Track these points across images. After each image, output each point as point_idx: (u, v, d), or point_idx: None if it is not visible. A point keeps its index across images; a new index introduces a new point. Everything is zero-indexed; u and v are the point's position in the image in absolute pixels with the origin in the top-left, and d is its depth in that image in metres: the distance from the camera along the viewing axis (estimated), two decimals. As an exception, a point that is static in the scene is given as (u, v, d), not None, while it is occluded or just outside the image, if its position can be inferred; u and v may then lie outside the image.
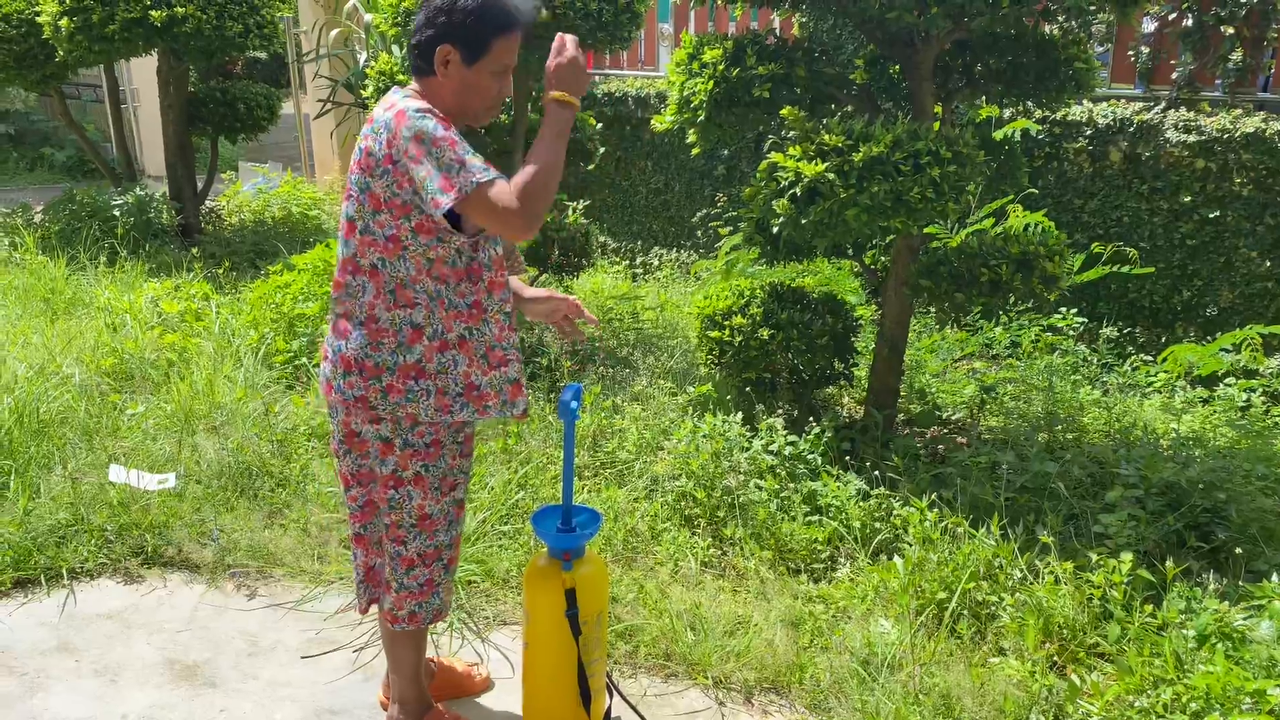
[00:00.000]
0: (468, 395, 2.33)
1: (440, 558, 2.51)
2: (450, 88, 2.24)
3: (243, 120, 7.92)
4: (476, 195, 2.09)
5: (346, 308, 2.34)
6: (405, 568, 2.48)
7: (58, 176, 12.12)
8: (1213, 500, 3.48)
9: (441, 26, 2.18)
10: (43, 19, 6.82)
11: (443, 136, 2.11)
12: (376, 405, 2.33)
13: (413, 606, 2.52)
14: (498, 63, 2.23)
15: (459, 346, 2.31)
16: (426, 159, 2.10)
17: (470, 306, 2.31)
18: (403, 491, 2.40)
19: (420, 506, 2.42)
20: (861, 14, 3.65)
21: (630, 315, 5.86)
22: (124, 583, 3.50)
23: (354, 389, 2.34)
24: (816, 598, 3.28)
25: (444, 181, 2.09)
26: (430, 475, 2.40)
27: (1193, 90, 5.32)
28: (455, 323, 2.30)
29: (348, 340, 2.34)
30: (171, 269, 6.71)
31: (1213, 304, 5.20)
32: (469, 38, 2.18)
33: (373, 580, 2.63)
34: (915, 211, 3.50)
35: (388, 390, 2.31)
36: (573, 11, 4.68)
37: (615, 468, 4.03)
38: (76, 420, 4.33)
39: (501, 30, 2.20)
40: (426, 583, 2.51)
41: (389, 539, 2.47)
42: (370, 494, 2.49)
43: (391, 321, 2.29)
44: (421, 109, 2.14)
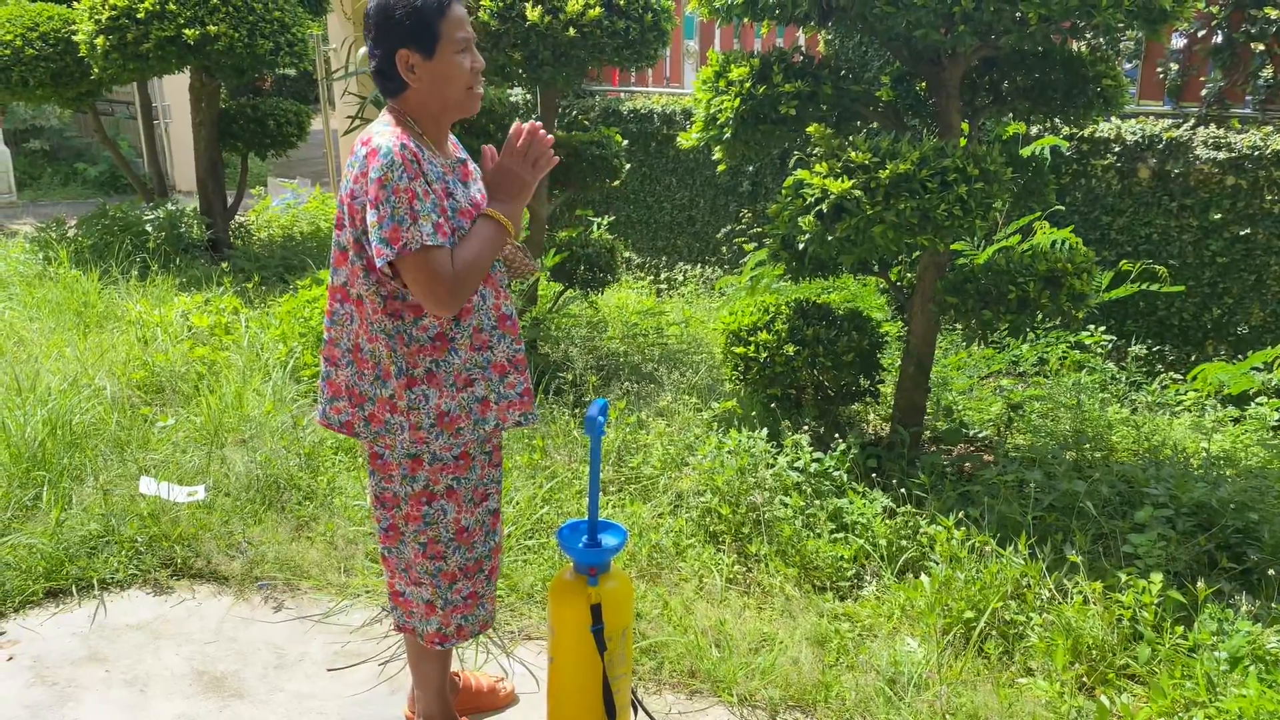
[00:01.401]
0: (440, 424, 2.31)
1: (481, 569, 2.51)
2: (427, 88, 2.22)
3: (273, 137, 8.01)
4: (417, 256, 2.10)
5: (336, 334, 2.36)
6: (448, 583, 2.47)
7: (90, 191, 12.31)
8: (1244, 521, 3.44)
9: (388, 39, 2.18)
10: (79, 37, 6.95)
11: (405, 187, 2.09)
12: (360, 432, 2.35)
13: (459, 620, 2.52)
14: (454, 41, 2.21)
15: (427, 381, 2.29)
16: (383, 205, 2.09)
17: (434, 339, 2.28)
18: (436, 506, 2.40)
19: (456, 520, 2.42)
20: (888, 32, 3.65)
21: (655, 330, 5.87)
22: (153, 594, 3.54)
23: (340, 414, 2.37)
24: (842, 616, 3.27)
25: (391, 232, 2.08)
26: (462, 488, 2.40)
27: (1222, 107, 5.28)
28: (420, 358, 2.28)
29: (337, 367, 2.36)
30: (201, 283, 6.79)
31: (1243, 322, 5.15)
32: (416, 33, 2.17)
33: (400, 603, 2.57)
34: (942, 229, 3.50)
35: (369, 419, 2.33)
36: (600, 30, 4.71)
37: (640, 483, 4.03)
38: (108, 432, 4.38)
39: (440, 11, 2.18)
40: (470, 595, 2.51)
41: (426, 556, 2.44)
42: (394, 518, 2.45)
43: (371, 354, 2.30)
44: (393, 150, 2.11)
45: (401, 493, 2.40)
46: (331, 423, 2.40)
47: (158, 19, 6.62)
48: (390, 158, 2.11)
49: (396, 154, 2.11)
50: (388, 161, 2.11)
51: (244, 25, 6.81)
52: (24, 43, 7.43)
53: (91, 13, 6.77)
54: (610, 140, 5.45)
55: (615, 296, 6.59)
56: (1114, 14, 3.34)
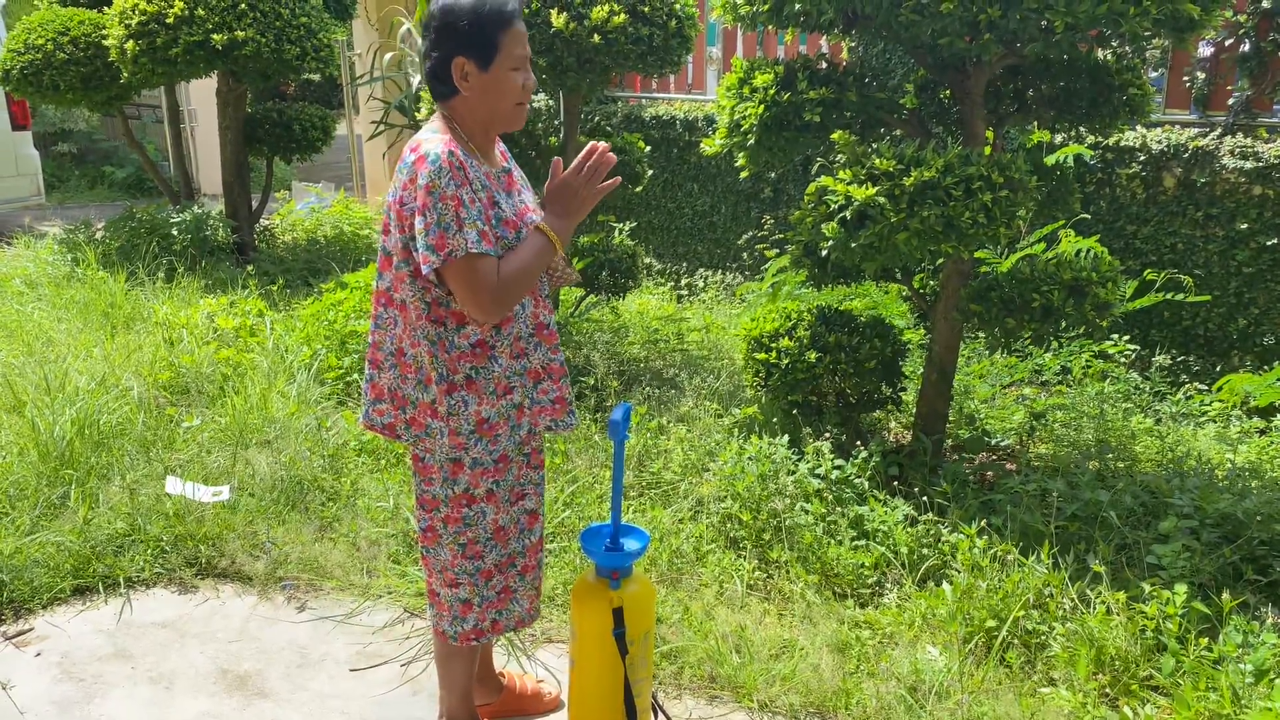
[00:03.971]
0: (480, 430, 2.35)
1: (514, 564, 2.53)
2: (476, 98, 2.25)
3: (298, 141, 8.07)
4: (463, 263, 2.13)
5: (379, 338, 2.39)
6: (485, 580, 2.50)
7: (117, 194, 12.44)
8: (1270, 533, 3.41)
9: (447, 43, 2.20)
10: (109, 42, 7.03)
11: (451, 194, 2.13)
12: (401, 434, 2.38)
13: (494, 615, 2.55)
14: (511, 57, 2.23)
15: (467, 387, 2.32)
16: (429, 211, 2.12)
17: (474, 346, 2.31)
18: (476, 509, 2.43)
19: (494, 520, 2.45)
20: (913, 40, 3.65)
21: (675, 336, 5.87)
22: (178, 592, 3.57)
23: (384, 416, 2.40)
24: (863, 623, 3.26)
25: (438, 239, 2.12)
26: (501, 490, 2.43)
27: (1249, 116, 5.24)
28: (460, 364, 2.30)
29: (381, 370, 2.40)
30: (227, 286, 6.85)
31: (1270, 333, 5.11)
32: (476, 43, 2.19)
33: (435, 603, 2.58)
34: (966, 237, 3.49)
35: (410, 422, 2.37)
36: (624, 37, 4.73)
37: (660, 488, 4.04)
38: (134, 432, 4.43)
39: (503, 25, 2.21)
40: (504, 590, 2.54)
41: (465, 557, 2.47)
42: (432, 520, 2.48)
43: (414, 358, 2.33)
44: (441, 156, 2.14)
45: (442, 495, 2.42)
46: (374, 424, 2.44)
47: (186, 24, 6.69)
48: (438, 164, 2.14)
49: (444, 160, 2.14)
50: (436, 168, 2.13)
51: (271, 31, 6.87)
52: (55, 47, 7.53)
53: (122, 18, 6.86)
54: (633, 146, 5.47)
55: (636, 302, 6.61)
56: (1141, 22, 3.33)
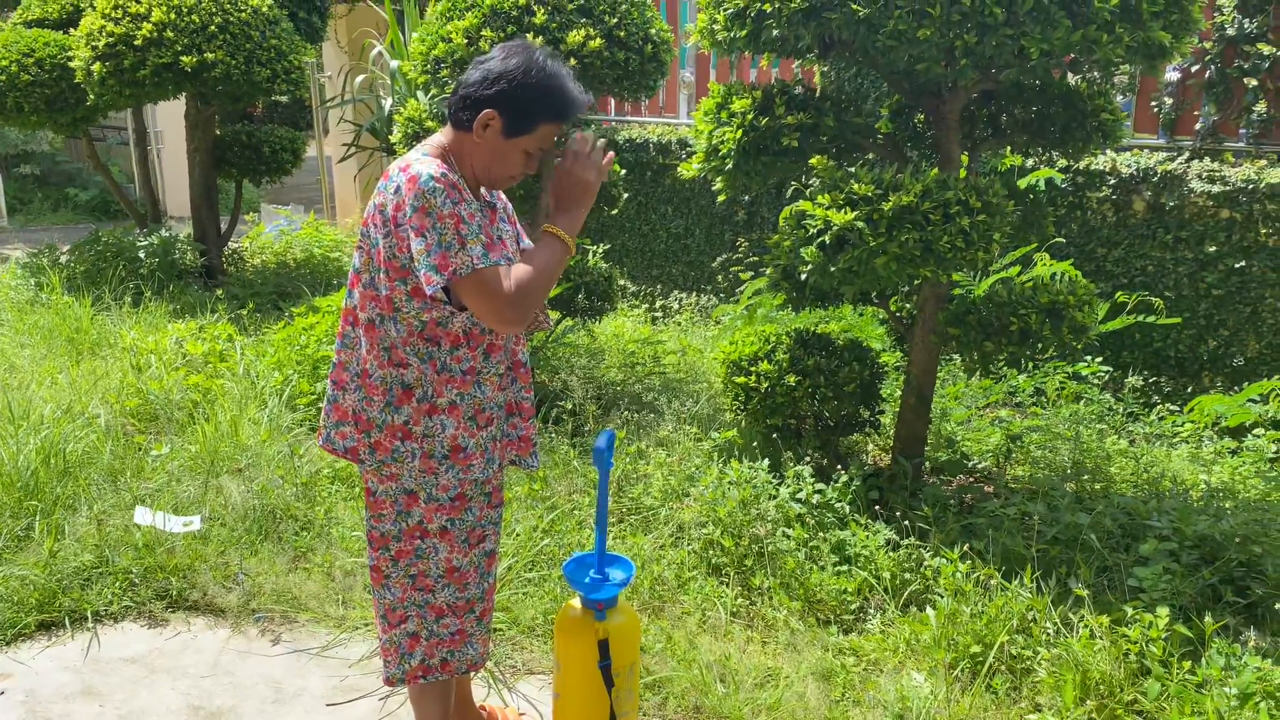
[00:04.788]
0: (454, 457, 2.29)
1: (472, 609, 2.47)
2: (481, 150, 2.22)
3: (267, 163, 8.01)
4: (473, 278, 2.09)
5: (344, 358, 2.34)
6: (435, 616, 2.44)
7: (81, 217, 12.27)
8: (1248, 554, 3.44)
9: (497, 92, 2.16)
10: (75, 64, 6.95)
11: (449, 213, 2.09)
12: (364, 459, 2.31)
13: (444, 654, 2.48)
14: (536, 143, 2.23)
15: (448, 411, 2.27)
16: (429, 232, 2.08)
17: (465, 372, 2.28)
18: (429, 543, 2.37)
19: (447, 559, 2.38)
20: (890, 66, 3.67)
21: (652, 359, 5.85)
22: (148, 626, 3.48)
23: (345, 440, 2.33)
24: (847, 649, 3.24)
25: (440, 259, 2.08)
26: (457, 529, 2.36)
27: (1216, 141, 5.33)
28: (447, 388, 2.26)
29: (345, 391, 2.34)
30: (196, 310, 6.76)
31: (1239, 354, 5.17)
32: (519, 112, 2.17)
33: (382, 651, 2.51)
34: (945, 260, 3.50)
35: (375, 446, 2.29)
36: (600, 61, 4.73)
37: (640, 514, 4.00)
38: (102, 461, 4.33)
39: (553, 116, 2.20)
40: (458, 632, 2.47)
41: (415, 589, 2.41)
42: (378, 560, 2.41)
43: (382, 380, 2.27)
44: (434, 177, 2.10)
45: (394, 530, 2.36)
46: (335, 447, 2.36)
47: (155, 46, 6.63)
48: (431, 184, 2.10)
49: (438, 179, 2.11)
50: (429, 188, 2.10)
51: (241, 53, 6.82)
52: (19, 68, 7.42)
53: (88, 39, 6.78)
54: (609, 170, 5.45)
55: (612, 325, 6.58)
56: (1115, 49, 3.37)
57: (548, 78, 2.18)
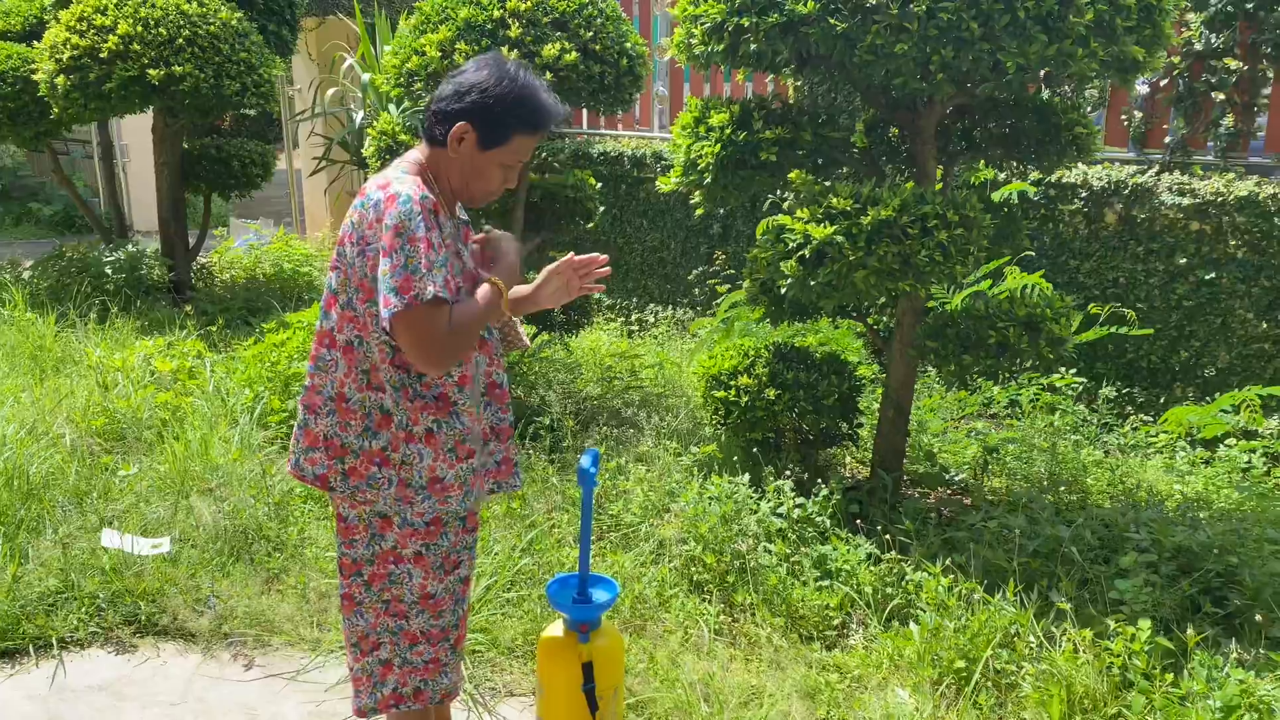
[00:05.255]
0: (431, 488, 2.23)
1: (446, 638, 2.40)
2: (457, 165, 2.19)
3: (237, 177, 7.92)
4: (422, 310, 2.02)
5: (318, 382, 2.27)
6: (408, 643, 2.38)
7: (44, 231, 12.07)
8: (1225, 565, 3.45)
9: (469, 104, 2.13)
10: (39, 76, 6.82)
11: (422, 236, 2.04)
12: (335, 486, 2.25)
13: (418, 683, 2.41)
14: (512, 156, 2.20)
15: (425, 440, 2.21)
16: (397, 253, 2.03)
17: (436, 399, 2.22)
18: (403, 569, 2.31)
19: (422, 586, 2.32)
20: (866, 80, 3.68)
21: (630, 373, 5.82)
22: (116, 653, 3.40)
23: (316, 466, 2.26)
24: (831, 666, 3.22)
25: (404, 281, 2.02)
26: (431, 555, 2.31)
27: (1185, 154, 5.39)
28: (422, 415, 2.21)
29: (317, 415, 2.27)
30: (164, 326, 6.65)
31: (1210, 365, 5.22)
32: (493, 124, 2.14)
33: (352, 680, 2.44)
34: (923, 274, 3.51)
35: (348, 473, 2.23)
36: (575, 74, 4.71)
37: (621, 531, 3.96)
38: (67, 482, 4.23)
39: (527, 127, 2.18)
40: (432, 660, 2.40)
41: (389, 614, 2.35)
42: (350, 587, 2.35)
43: (361, 403, 2.21)
44: (413, 198, 2.06)
45: (366, 554, 2.31)
46: (305, 474, 2.29)
47: (121, 59, 6.53)
48: (410, 205, 2.05)
49: (416, 203, 2.06)
50: (407, 209, 2.05)
51: (210, 66, 6.73)
52: (-19, 81, 7.29)
53: (52, 52, 6.66)
54: (584, 183, 5.44)
55: (588, 338, 6.54)
56: (1089, 63, 3.39)
57: (520, 88, 2.15)
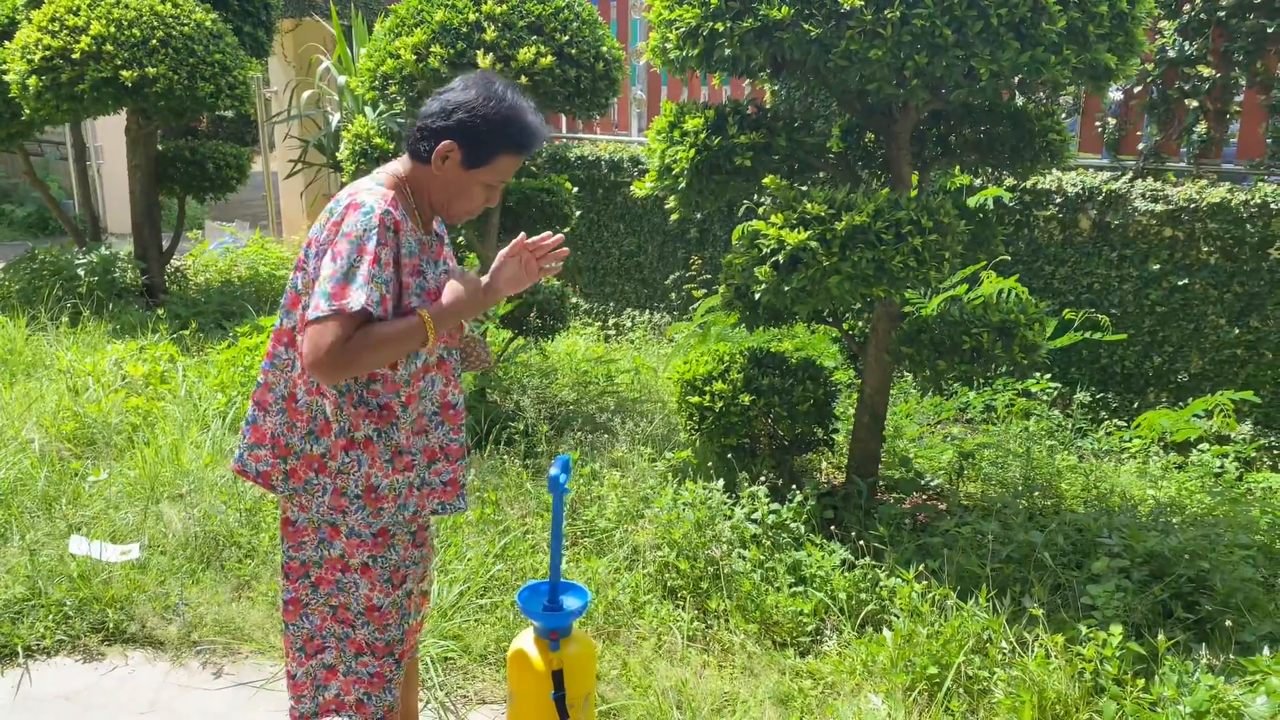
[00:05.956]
0: (365, 497, 2.22)
1: (391, 652, 2.36)
2: (439, 183, 2.19)
3: (211, 180, 7.85)
4: (339, 318, 1.98)
5: (271, 379, 2.25)
6: (353, 651, 2.35)
7: (17, 234, 11.94)
8: (1197, 570, 3.47)
9: (455, 123, 2.12)
10: (9, 77, 6.75)
11: (371, 250, 2.02)
12: (276, 485, 2.24)
13: (360, 694, 2.37)
14: (495, 175, 2.20)
15: (364, 446, 2.20)
16: (341, 259, 2.02)
17: (380, 408, 2.21)
18: (350, 578, 2.29)
19: (368, 597, 2.30)
20: (841, 85, 3.68)
21: (606, 378, 5.81)
22: (83, 661, 3.35)
23: (260, 463, 2.25)
24: (804, 673, 3.21)
25: (338, 288, 1.99)
26: (379, 567, 2.28)
27: (1158, 160, 5.43)
28: (363, 422, 2.20)
29: (267, 413, 2.26)
30: (136, 330, 6.58)
31: (1183, 370, 5.26)
32: (478, 143, 2.13)
33: (291, 686, 2.42)
34: (897, 280, 3.51)
35: (289, 474, 2.23)
36: (551, 78, 4.69)
37: (594, 536, 3.95)
38: (35, 488, 4.18)
39: (513, 148, 2.17)
40: (376, 675, 2.36)
41: (336, 620, 2.33)
42: (297, 590, 2.33)
43: (308, 406, 2.20)
44: (374, 211, 2.05)
45: (315, 556, 2.29)
46: (248, 470, 2.28)
47: (94, 60, 6.47)
48: (370, 218, 2.04)
49: (377, 216, 2.05)
50: (366, 221, 2.04)
51: (184, 68, 6.68)
52: (-49, 81, 7.19)
53: (24, 52, 6.59)
54: (560, 187, 5.42)
55: (564, 343, 6.53)
56: (1062, 70, 3.41)
57: (507, 108, 2.15)
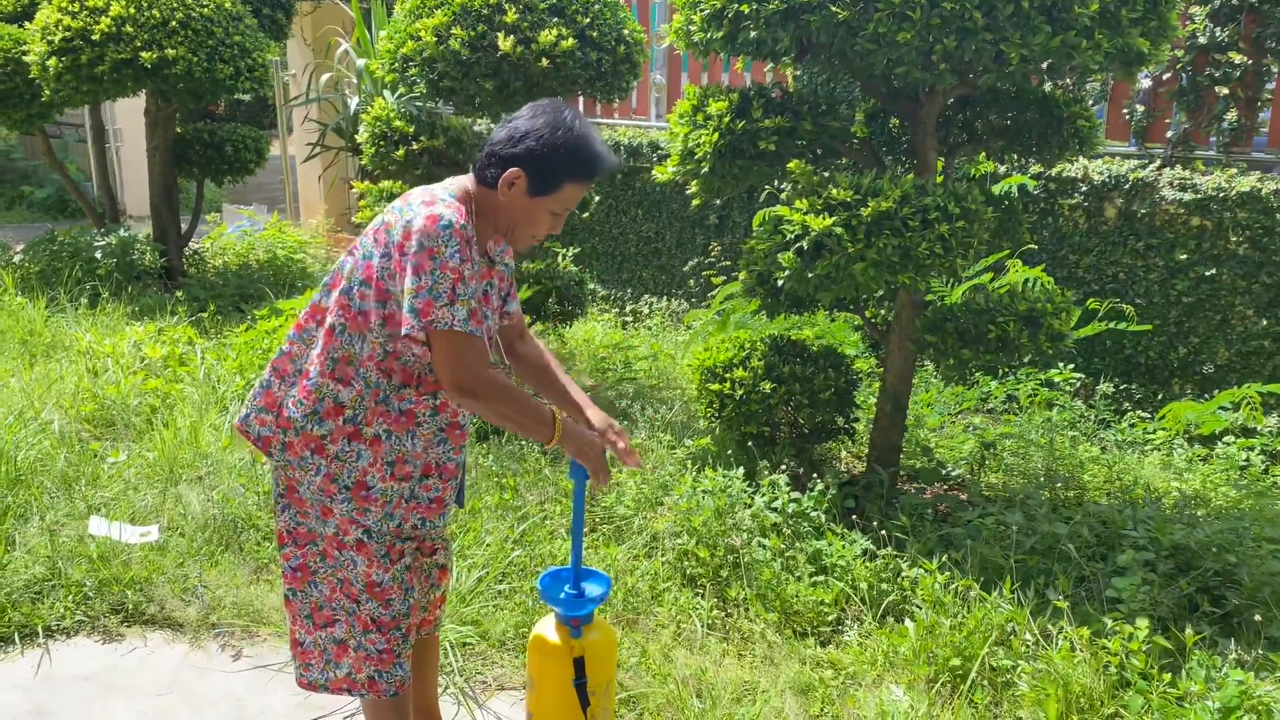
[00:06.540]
0: (354, 491, 2.21)
1: (398, 626, 2.35)
2: (505, 209, 2.19)
3: (230, 162, 7.84)
4: (447, 335, 2.05)
5: (296, 350, 2.27)
6: (361, 628, 2.34)
7: (36, 215, 11.98)
8: (1223, 564, 3.42)
9: (523, 151, 2.13)
10: (30, 58, 6.75)
11: (453, 266, 2.05)
12: (273, 453, 2.25)
13: (371, 672, 2.36)
14: (561, 204, 2.19)
15: (370, 443, 2.20)
16: (425, 275, 2.04)
17: (401, 414, 2.21)
18: (346, 555, 2.28)
19: (367, 574, 2.28)
20: (868, 69, 3.63)
21: (624, 365, 5.78)
22: (103, 642, 3.35)
23: (264, 427, 2.26)
24: (825, 662, 3.18)
25: (425, 305, 2.03)
26: (374, 543, 2.27)
27: (1187, 149, 5.35)
28: (378, 420, 2.20)
29: (282, 380, 2.26)
30: (154, 312, 6.59)
31: (1209, 361, 5.19)
32: (545, 171, 2.13)
33: (299, 654, 2.42)
34: (923, 267, 3.47)
35: (287, 446, 2.22)
36: (573, 61, 4.66)
37: (613, 523, 3.92)
38: (55, 469, 4.18)
39: (580, 176, 2.17)
40: (385, 650, 2.35)
41: (341, 594, 2.33)
42: (305, 556, 2.32)
43: (318, 387, 2.19)
44: (453, 225, 2.06)
45: (318, 529, 2.29)
46: (250, 431, 2.28)
47: (114, 41, 6.45)
48: (449, 232, 2.05)
49: (456, 231, 2.06)
50: (447, 235, 2.05)
51: (203, 49, 6.65)
52: (-28, 62, 7.21)
53: (44, 33, 6.58)
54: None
55: (582, 329, 6.50)
56: (1094, 56, 3.35)
57: (575, 137, 2.15)
